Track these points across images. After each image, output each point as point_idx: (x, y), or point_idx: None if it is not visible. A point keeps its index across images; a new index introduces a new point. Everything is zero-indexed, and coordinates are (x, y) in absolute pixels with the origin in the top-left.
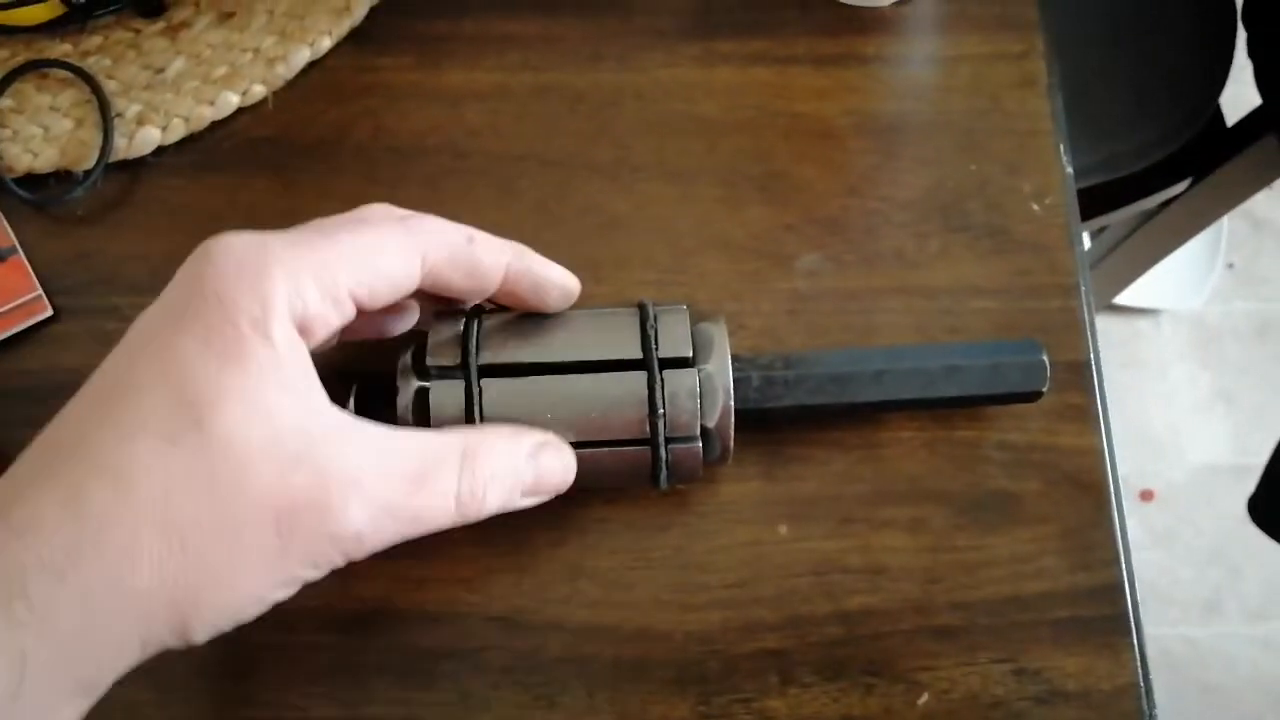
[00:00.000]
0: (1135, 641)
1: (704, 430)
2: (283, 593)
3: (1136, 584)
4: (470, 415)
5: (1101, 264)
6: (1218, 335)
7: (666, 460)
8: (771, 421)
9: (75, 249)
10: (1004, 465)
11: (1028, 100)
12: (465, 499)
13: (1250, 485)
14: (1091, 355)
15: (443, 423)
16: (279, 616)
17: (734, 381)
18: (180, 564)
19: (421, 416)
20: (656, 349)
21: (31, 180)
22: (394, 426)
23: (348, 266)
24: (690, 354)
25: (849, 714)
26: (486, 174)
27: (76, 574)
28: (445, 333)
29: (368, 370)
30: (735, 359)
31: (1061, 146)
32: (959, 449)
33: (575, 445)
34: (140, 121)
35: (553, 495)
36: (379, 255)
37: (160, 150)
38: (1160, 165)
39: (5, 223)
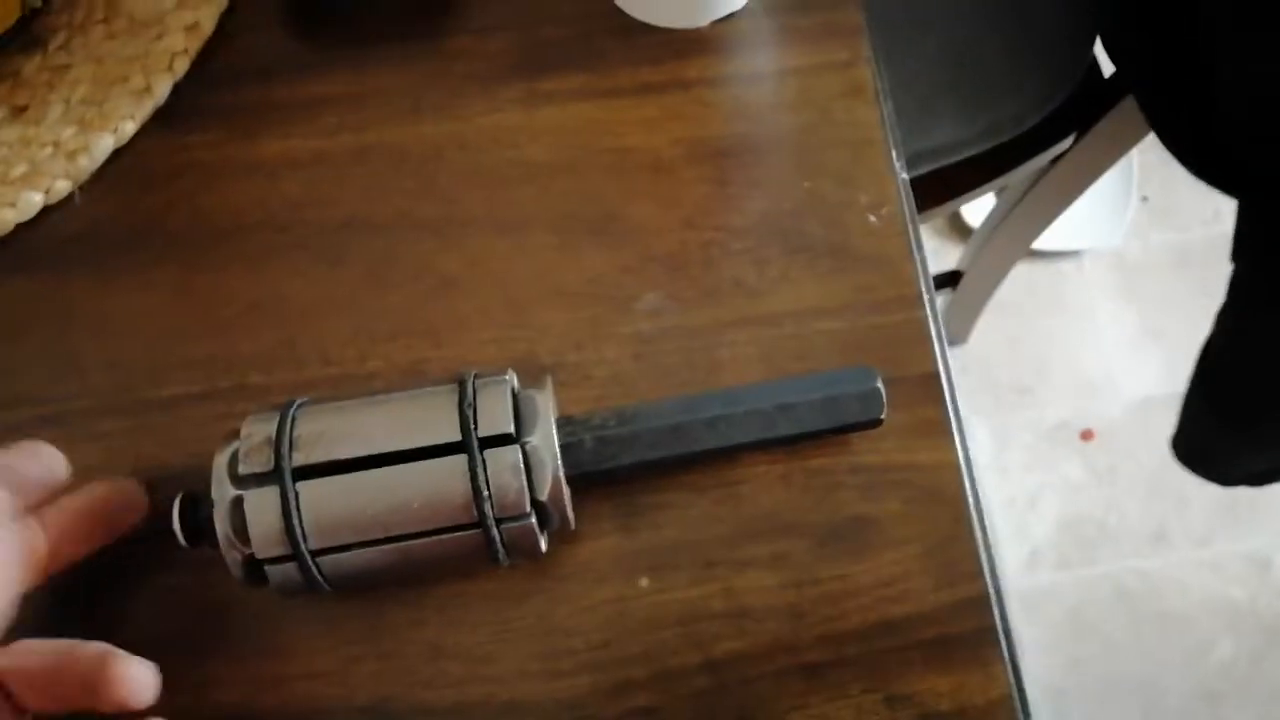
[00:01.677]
0: (1005, 652)
1: (537, 504)
2: None
3: (1004, 593)
4: (289, 524)
5: (1008, 220)
6: (1139, 270)
7: (501, 540)
8: (614, 479)
9: None
10: (860, 489)
11: (856, 109)
12: None
13: None
14: (941, 365)
15: (263, 533)
16: None
17: (564, 448)
18: None
19: (241, 527)
20: (476, 428)
21: None
22: None
23: None
24: (511, 429)
25: None
26: (311, 246)
27: None
28: (258, 434)
29: (195, 474)
30: (566, 421)
31: (894, 153)
32: (814, 478)
33: (406, 538)
34: None
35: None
36: None
37: None
38: (1042, 125)
39: None
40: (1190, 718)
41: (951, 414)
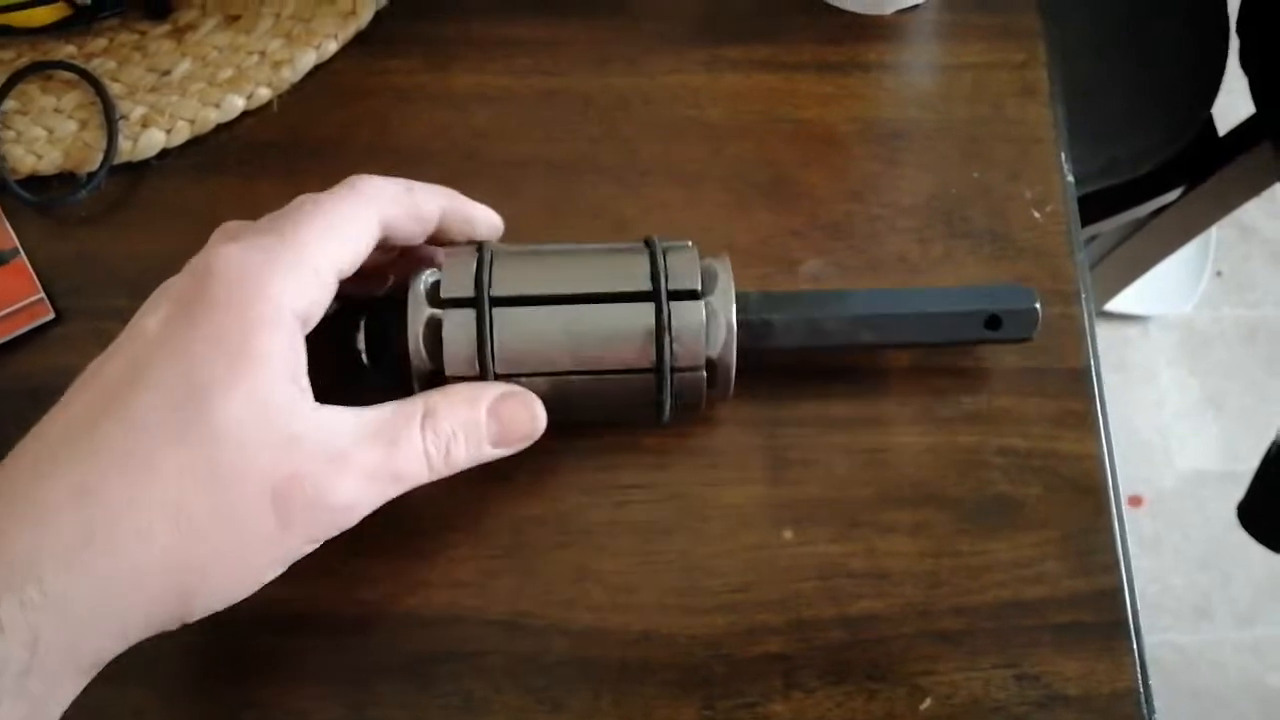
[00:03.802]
0: (1135, 646)
1: (708, 361)
2: (277, 569)
3: (1135, 589)
4: (483, 344)
5: (1092, 272)
6: (1206, 342)
7: (671, 390)
8: (771, 360)
9: (78, 251)
10: (1005, 470)
11: (1029, 108)
12: (432, 453)
13: (1239, 491)
14: (1092, 362)
15: (456, 351)
16: (283, 619)
17: (737, 316)
18: (189, 548)
19: (434, 345)
20: (666, 281)
21: (35, 182)
22: (364, 408)
23: (330, 250)
24: (698, 287)
25: (852, 718)
26: (493, 177)
27: (90, 560)
28: (459, 264)
29: (375, 300)
30: (738, 295)
31: (1063, 155)
32: (961, 454)
33: (583, 374)
34: (145, 124)
35: (525, 443)
36: (348, 229)
37: (165, 153)
38: (1153, 173)
39: (8, 224)
40: None
41: (1099, 409)
